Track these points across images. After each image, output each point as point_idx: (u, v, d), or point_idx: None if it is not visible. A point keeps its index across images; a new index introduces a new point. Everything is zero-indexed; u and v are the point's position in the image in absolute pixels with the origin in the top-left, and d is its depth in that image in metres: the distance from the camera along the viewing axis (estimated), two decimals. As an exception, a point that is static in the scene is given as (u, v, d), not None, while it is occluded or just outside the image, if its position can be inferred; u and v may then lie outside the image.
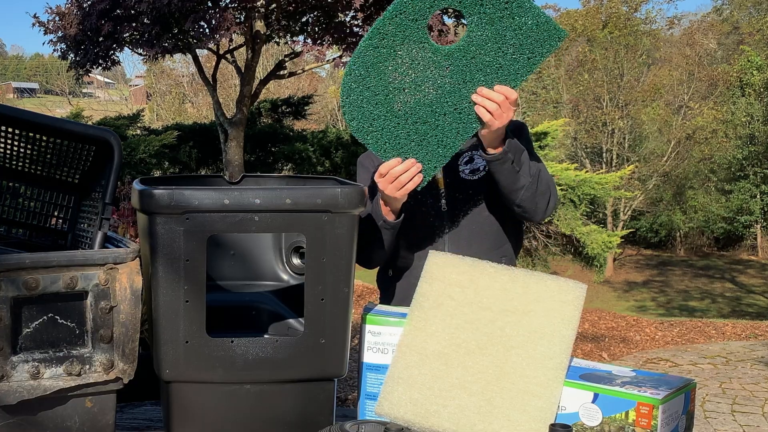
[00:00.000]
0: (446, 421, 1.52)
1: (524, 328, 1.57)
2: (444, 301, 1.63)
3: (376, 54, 1.71)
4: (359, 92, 1.73)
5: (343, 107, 1.75)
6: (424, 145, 1.78)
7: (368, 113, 1.74)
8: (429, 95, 1.74)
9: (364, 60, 1.71)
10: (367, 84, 1.72)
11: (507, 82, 1.75)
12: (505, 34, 1.71)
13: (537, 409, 1.49)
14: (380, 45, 1.71)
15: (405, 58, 1.72)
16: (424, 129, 1.77)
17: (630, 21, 28.34)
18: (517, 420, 1.49)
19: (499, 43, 1.72)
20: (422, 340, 1.61)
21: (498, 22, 1.71)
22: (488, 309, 1.60)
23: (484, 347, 1.57)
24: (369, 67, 1.72)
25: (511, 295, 1.61)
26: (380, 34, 1.70)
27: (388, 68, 1.72)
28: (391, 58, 1.71)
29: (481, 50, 1.73)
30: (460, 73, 1.74)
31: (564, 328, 1.56)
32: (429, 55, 1.72)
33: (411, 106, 1.75)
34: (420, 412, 1.54)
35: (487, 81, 1.74)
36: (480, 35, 1.72)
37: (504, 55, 1.73)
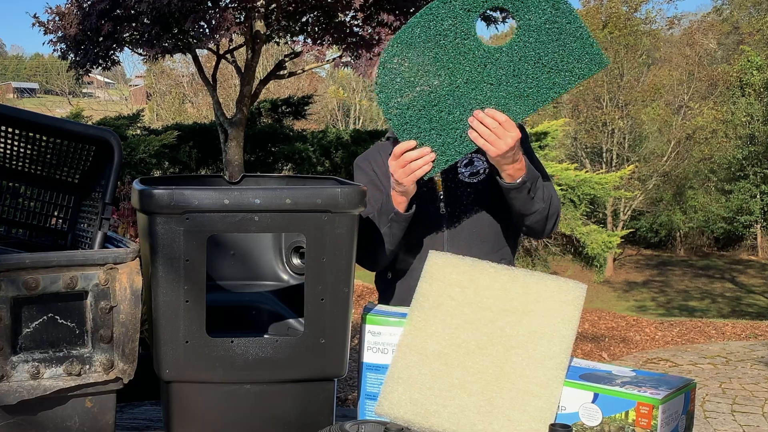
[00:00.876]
0: (446, 421, 1.52)
1: (524, 328, 1.57)
2: (444, 301, 1.63)
3: (421, 33, 1.71)
4: (396, 65, 1.73)
5: (377, 78, 1.75)
6: (444, 136, 1.77)
7: (398, 89, 1.74)
8: (460, 88, 1.74)
9: (408, 36, 1.71)
10: (405, 59, 1.72)
11: (536, 96, 1.74)
12: (548, 46, 1.72)
13: (537, 409, 1.49)
14: (427, 25, 1.71)
15: (447, 44, 1.72)
16: (447, 120, 1.76)
17: (630, 21, 28.33)
18: (517, 420, 1.49)
19: (540, 54, 1.72)
20: (422, 340, 1.61)
21: (544, 33, 1.71)
22: (488, 309, 1.60)
23: (484, 347, 1.57)
24: (411, 43, 1.72)
25: (511, 295, 1.61)
26: (431, 14, 1.71)
27: (428, 49, 1.72)
28: (433, 40, 1.71)
29: (521, 57, 1.73)
30: (495, 75, 1.73)
31: (564, 328, 1.56)
32: (471, 49, 1.72)
33: (440, 94, 1.74)
34: (420, 412, 1.54)
35: (518, 90, 1.74)
36: (524, 42, 1.72)
37: (542, 68, 1.72)
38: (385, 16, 8.19)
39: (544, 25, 1.71)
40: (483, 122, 1.74)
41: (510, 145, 1.75)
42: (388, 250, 2.01)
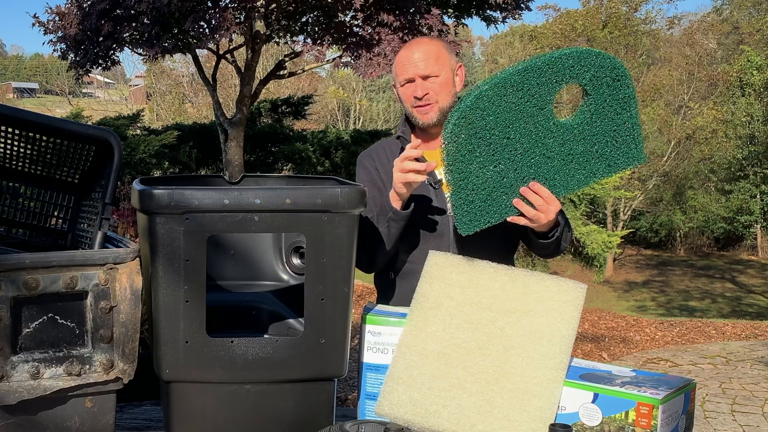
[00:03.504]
0: (446, 421, 1.52)
1: (524, 328, 1.57)
2: (444, 301, 1.63)
3: (507, 92, 1.71)
4: (478, 115, 1.72)
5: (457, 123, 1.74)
6: (490, 195, 1.77)
7: (471, 138, 1.73)
8: (521, 154, 1.75)
9: (497, 91, 1.71)
10: (488, 112, 1.72)
11: (577, 180, 1.79)
12: (604, 134, 1.76)
13: (537, 409, 1.49)
14: (516, 85, 1.71)
15: (524, 112, 1.73)
16: (500, 181, 1.77)
17: (630, 21, 28.35)
18: (517, 420, 1.49)
19: (594, 138, 1.77)
20: (422, 340, 1.61)
21: (606, 120, 1.76)
22: (488, 309, 1.60)
23: (484, 347, 1.57)
24: (496, 98, 1.71)
25: (511, 295, 1.61)
26: (522, 79, 1.71)
27: (507, 110, 1.72)
28: (514, 104, 1.72)
29: (578, 137, 1.76)
30: (551, 148, 1.76)
31: (564, 328, 1.56)
32: (541, 120, 1.74)
33: (502, 155, 1.75)
34: (420, 412, 1.54)
35: (565, 169, 1.77)
36: (585, 122, 1.76)
37: (589, 150, 1.77)
38: (385, 16, 8.18)
39: (608, 106, 1.75)
40: (529, 198, 1.77)
41: (551, 218, 1.81)
42: (386, 251, 2.02)
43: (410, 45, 2.11)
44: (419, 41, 2.13)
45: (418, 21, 8.42)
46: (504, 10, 9.39)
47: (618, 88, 1.75)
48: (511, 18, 9.72)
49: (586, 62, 1.72)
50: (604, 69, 1.73)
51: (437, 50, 2.07)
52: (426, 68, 2.04)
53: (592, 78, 1.73)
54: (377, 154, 2.19)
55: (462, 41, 9.70)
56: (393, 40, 8.19)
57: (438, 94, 2.04)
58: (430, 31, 8.47)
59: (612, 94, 1.75)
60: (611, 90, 1.75)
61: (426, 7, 8.58)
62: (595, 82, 1.73)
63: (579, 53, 1.72)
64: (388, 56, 8.21)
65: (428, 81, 2.04)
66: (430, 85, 2.04)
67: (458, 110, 1.72)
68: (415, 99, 2.05)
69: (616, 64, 1.74)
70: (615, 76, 1.74)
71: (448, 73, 2.07)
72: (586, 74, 1.72)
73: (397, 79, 2.10)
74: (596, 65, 1.72)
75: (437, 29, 8.49)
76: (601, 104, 1.75)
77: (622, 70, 1.74)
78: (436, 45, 2.10)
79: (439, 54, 2.06)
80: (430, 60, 2.04)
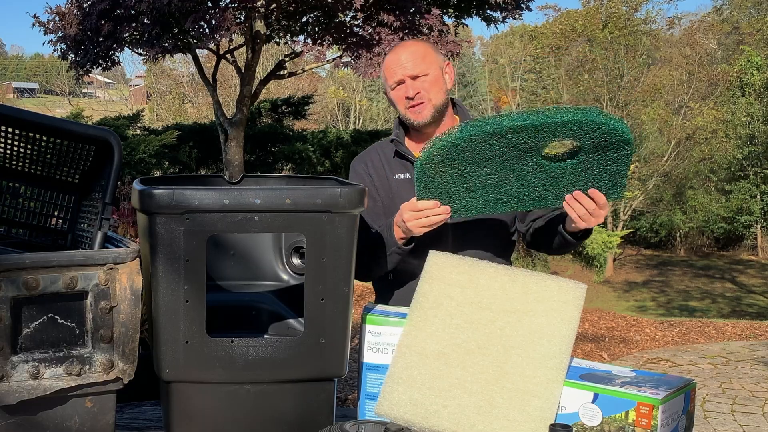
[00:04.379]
0: (446, 421, 1.52)
1: (524, 328, 1.57)
2: (444, 301, 1.63)
3: (491, 128, 1.71)
4: (457, 148, 1.73)
5: (434, 142, 1.76)
6: (469, 200, 1.81)
7: (444, 162, 1.75)
8: (509, 182, 1.77)
9: (479, 128, 1.71)
10: (468, 145, 1.73)
11: (544, 202, 1.81)
12: (589, 178, 1.78)
13: (537, 409, 1.49)
14: (498, 127, 1.71)
15: (511, 151, 1.73)
16: (481, 195, 1.80)
17: (630, 21, 28.34)
18: (517, 420, 1.49)
19: (576, 180, 1.78)
20: (422, 340, 1.61)
21: (594, 168, 1.76)
22: (488, 309, 1.60)
23: (484, 347, 1.57)
24: (479, 134, 1.71)
25: (511, 295, 1.61)
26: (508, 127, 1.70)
27: (493, 145, 1.72)
28: (499, 141, 1.72)
29: (558, 178, 1.78)
30: (545, 181, 1.78)
31: (564, 328, 1.56)
32: (532, 160, 1.74)
33: (485, 181, 1.77)
34: (420, 412, 1.54)
35: (556, 199, 1.80)
36: (570, 168, 1.77)
37: (569, 191, 1.79)
38: (385, 16, 8.18)
39: (599, 165, 1.75)
40: (582, 202, 1.79)
41: (600, 221, 1.84)
42: (384, 269, 2.04)
43: (396, 49, 2.12)
44: (404, 44, 2.15)
45: (418, 21, 8.42)
46: (504, 10, 9.39)
47: (615, 150, 1.73)
48: (511, 18, 9.73)
49: (589, 127, 1.68)
50: (605, 134, 1.69)
51: (423, 50, 2.08)
52: (414, 68, 2.05)
53: (591, 139, 1.71)
54: (370, 159, 2.19)
55: (462, 41, 9.70)
56: (393, 40, 8.19)
57: (429, 92, 2.05)
58: (430, 31, 8.47)
59: (607, 155, 1.74)
60: (607, 152, 1.73)
61: (426, 7, 8.59)
62: (593, 143, 1.71)
63: (581, 122, 1.67)
64: (388, 56, 8.19)
65: (418, 80, 2.05)
66: (421, 84, 2.05)
67: (436, 142, 1.74)
68: (407, 100, 2.06)
69: (620, 129, 1.69)
70: (616, 141, 1.71)
71: (437, 71, 2.07)
72: (586, 136, 1.70)
73: (388, 84, 2.11)
74: (599, 130, 1.68)
75: (437, 29, 8.49)
76: (593, 159, 1.75)
77: (625, 136, 1.70)
78: (421, 45, 2.11)
79: (426, 53, 2.07)
80: (417, 59, 2.05)
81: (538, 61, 33.31)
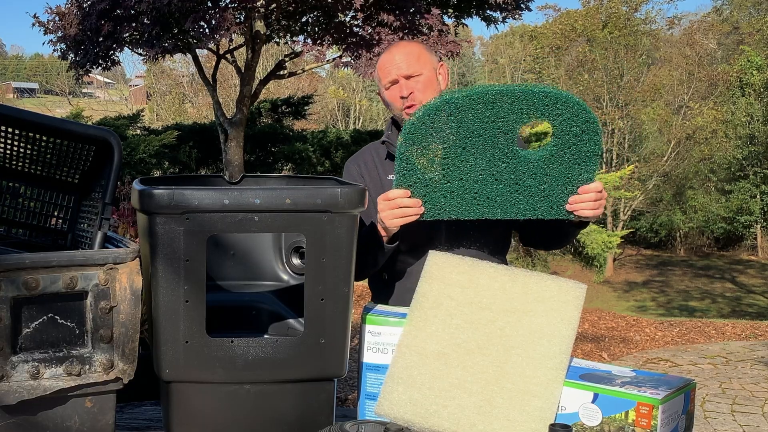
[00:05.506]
0: (446, 421, 1.52)
1: (524, 328, 1.57)
2: (444, 301, 1.63)
3: (470, 106, 1.72)
4: (434, 122, 1.73)
5: (410, 120, 1.75)
6: (455, 190, 1.80)
7: (426, 142, 1.75)
8: (485, 168, 1.77)
9: (456, 103, 1.72)
10: (445, 122, 1.73)
11: (511, 209, 1.81)
12: (558, 173, 1.79)
13: (537, 409, 1.49)
14: (477, 106, 1.72)
15: (487, 133, 1.74)
16: (460, 185, 1.79)
17: (630, 21, 28.34)
18: (517, 420, 1.49)
19: (545, 174, 1.79)
20: (422, 340, 1.61)
21: (562, 163, 1.78)
22: (488, 309, 1.60)
23: (484, 347, 1.57)
24: (456, 109, 1.72)
25: (511, 295, 1.61)
26: (487, 100, 1.72)
27: (469, 127, 1.74)
28: (476, 122, 1.73)
29: (528, 169, 1.78)
30: (500, 169, 1.78)
31: (564, 328, 1.56)
32: (507, 143, 1.75)
33: (461, 164, 1.77)
34: (420, 412, 1.54)
35: (503, 191, 1.79)
36: (540, 158, 1.77)
37: (538, 187, 1.79)
38: (385, 16, 8.18)
39: (568, 159, 1.77)
40: (585, 200, 1.80)
41: (604, 204, 1.85)
42: (374, 268, 2.05)
43: (390, 49, 2.13)
44: (398, 44, 2.16)
45: (418, 21, 8.42)
46: (504, 10, 9.39)
47: (585, 142, 1.75)
48: (511, 18, 9.74)
49: (563, 106, 1.72)
50: (578, 119, 1.73)
51: (417, 50, 2.09)
52: (408, 68, 2.05)
53: (563, 122, 1.73)
54: (363, 160, 2.19)
55: (462, 41, 9.69)
56: (393, 40, 8.18)
57: (422, 93, 2.05)
58: (430, 31, 8.47)
59: (577, 145, 1.76)
60: (577, 141, 1.75)
61: (426, 7, 8.59)
62: (564, 127, 1.74)
63: (558, 95, 1.73)
64: (388, 56, 8.19)
65: (411, 80, 2.06)
66: (414, 84, 2.06)
67: (425, 106, 1.74)
68: (401, 99, 2.06)
69: (591, 118, 1.74)
70: (585, 129, 1.74)
71: (431, 71, 2.08)
72: (558, 117, 1.73)
73: (382, 84, 2.12)
74: (572, 112, 1.73)
75: (437, 29, 8.49)
76: (562, 150, 1.76)
77: (594, 125, 1.75)
78: (415, 46, 2.12)
79: (420, 54, 2.08)
80: (411, 59, 2.06)
81: (538, 61, 33.31)
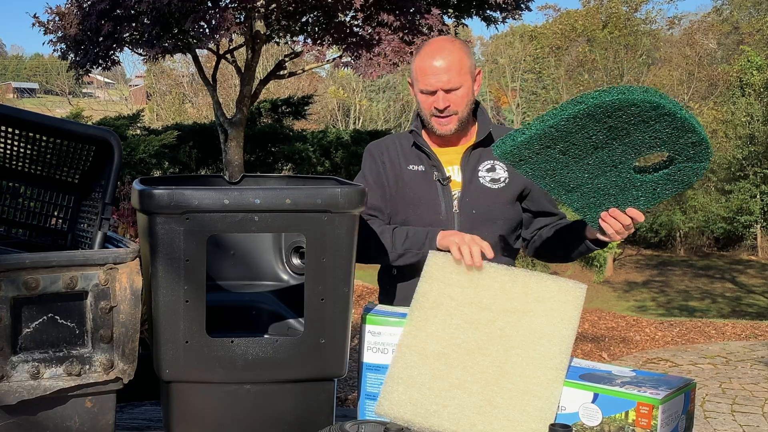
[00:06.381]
0: (446, 421, 1.52)
1: (524, 328, 1.57)
2: (444, 301, 1.63)
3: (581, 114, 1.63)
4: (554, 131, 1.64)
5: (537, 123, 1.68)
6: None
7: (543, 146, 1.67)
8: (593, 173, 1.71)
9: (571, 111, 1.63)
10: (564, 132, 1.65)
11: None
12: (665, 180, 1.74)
13: (537, 409, 1.49)
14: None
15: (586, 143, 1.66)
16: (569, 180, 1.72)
17: (630, 21, 28.36)
18: (517, 420, 1.49)
19: (654, 189, 1.74)
20: (422, 340, 1.61)
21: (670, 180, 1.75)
22: (488, 309, 1.60)
23: (483, 347, 1.57)
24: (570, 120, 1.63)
25: (511, 295, 1.61)
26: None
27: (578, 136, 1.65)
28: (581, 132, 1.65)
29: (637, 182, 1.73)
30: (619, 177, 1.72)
31: (564, 328, 1.56)
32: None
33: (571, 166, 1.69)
34: (420, 412, 1.54)
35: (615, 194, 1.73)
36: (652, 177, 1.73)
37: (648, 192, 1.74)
38: (385, 16, 8.18)
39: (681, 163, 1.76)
40: (609, 222, 1.76)
41: (631, 231, 1.81)
42: (389, 263, 2.05)
43: (432, 51, 2.05)
44: (442, 47, 2.06)
45: (418, 21, 8.42)
46: (504, 10, 9.40)
47: (697, 159, 1.74)
48: (511, 18, 9.74)
49: (671, 116, 1.73)
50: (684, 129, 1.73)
51: (459, 59, 2.03)
52: (449, 82, 2.01)
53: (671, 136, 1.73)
54: (387, 148, 2.17)
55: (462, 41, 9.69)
56: (393, 40, 8.19)
57: (459, 107, 2.03)
58: (430, 31, 8.47)
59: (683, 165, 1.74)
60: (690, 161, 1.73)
61: (426, 7, 8.59)
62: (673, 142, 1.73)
63: (664, 105, 1.72)
64: (388, 56, 8.21)
65: (450, 93, 2.03)
66: (452, 98, 2.03)
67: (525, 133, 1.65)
68: (435, 110, 2.04)
69: (699, 129, 1.73)
70: (693, 142, 1.75)
71: (469, 81, 2.05)
72: (666, 130, 1.73)
73: (417, 85, 2.07)
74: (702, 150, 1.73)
75: (437, 29, 8.50)
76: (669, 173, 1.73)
77: (703, 136, 1.74)
78: (458, 53, 2.04)
79: (461, 63, 2.03)
80: (452, 71, 2.01)
81: (538, 61, 33.32)
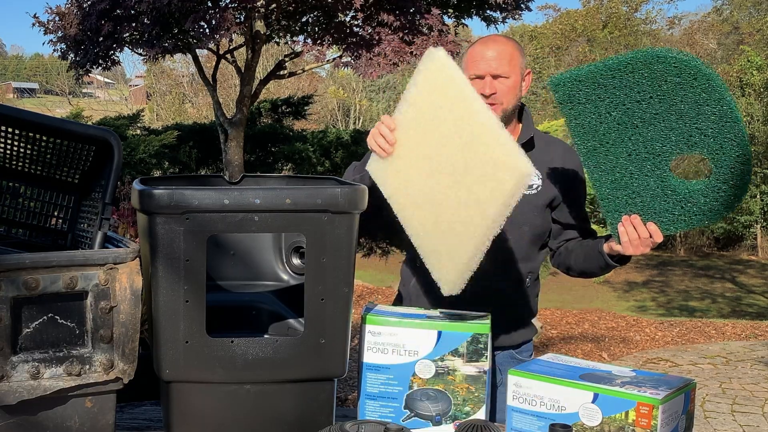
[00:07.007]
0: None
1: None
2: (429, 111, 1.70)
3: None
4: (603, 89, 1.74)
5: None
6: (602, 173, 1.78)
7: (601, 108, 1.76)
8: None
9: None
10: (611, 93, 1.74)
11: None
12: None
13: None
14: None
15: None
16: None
17: (630, 21, 28.38)
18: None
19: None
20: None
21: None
22: (450, 142, 1.66)
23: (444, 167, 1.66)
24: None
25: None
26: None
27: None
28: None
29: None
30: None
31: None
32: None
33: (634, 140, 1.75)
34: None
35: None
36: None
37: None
38: (385, 16, 8.18)
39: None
40: (636, 228, 1.77)
41: (646, 252, 1.81)
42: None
43: (486, 41, 2.08)
44: (495, 39, 2.10)
45: (418, 21, 8.42)
46: (504, 10, 9.39)
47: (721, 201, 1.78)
48: (511, 18, 9.73)
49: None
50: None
51: (511, 51, 2.05)
52: (498, 68, 2.02)
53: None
54: None
55: (462, 41, 9.69)
56: (393, 40, 8.19)
57: (504, 96, 2.03)
58: (430, 31, 8.47)
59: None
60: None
61: (426, 7, 8.58)
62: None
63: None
64: (388, 56, 8.21)
65: (498, 81, 2.03)
66: (499, 86, 2.03)
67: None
68: (482, 96, 2.04)
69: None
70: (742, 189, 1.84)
71: (518, 76, 2.06)
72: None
73: (466, 73, 2.06)
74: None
75: (437, 29, 8.49)
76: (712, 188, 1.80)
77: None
78: (510, 46, 2.07)
79: (512, 56, 2.04)
80: (503, 60, 2.02)
81: (538, 61, 33.32)
